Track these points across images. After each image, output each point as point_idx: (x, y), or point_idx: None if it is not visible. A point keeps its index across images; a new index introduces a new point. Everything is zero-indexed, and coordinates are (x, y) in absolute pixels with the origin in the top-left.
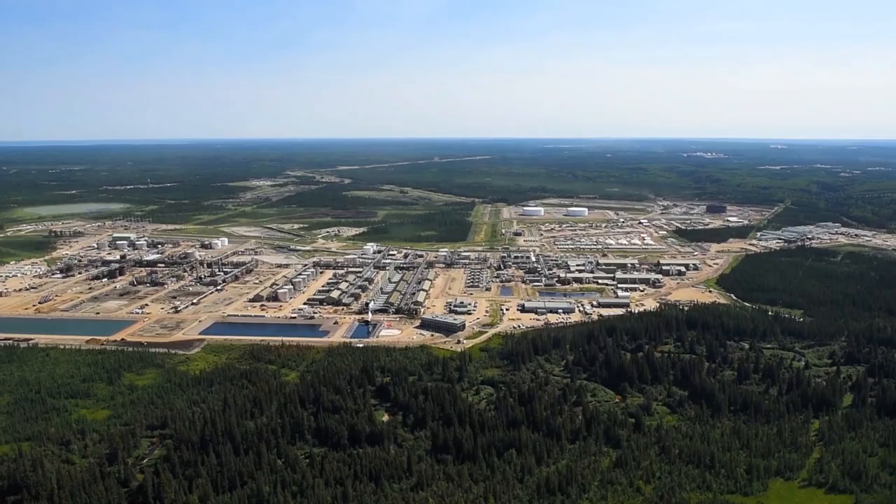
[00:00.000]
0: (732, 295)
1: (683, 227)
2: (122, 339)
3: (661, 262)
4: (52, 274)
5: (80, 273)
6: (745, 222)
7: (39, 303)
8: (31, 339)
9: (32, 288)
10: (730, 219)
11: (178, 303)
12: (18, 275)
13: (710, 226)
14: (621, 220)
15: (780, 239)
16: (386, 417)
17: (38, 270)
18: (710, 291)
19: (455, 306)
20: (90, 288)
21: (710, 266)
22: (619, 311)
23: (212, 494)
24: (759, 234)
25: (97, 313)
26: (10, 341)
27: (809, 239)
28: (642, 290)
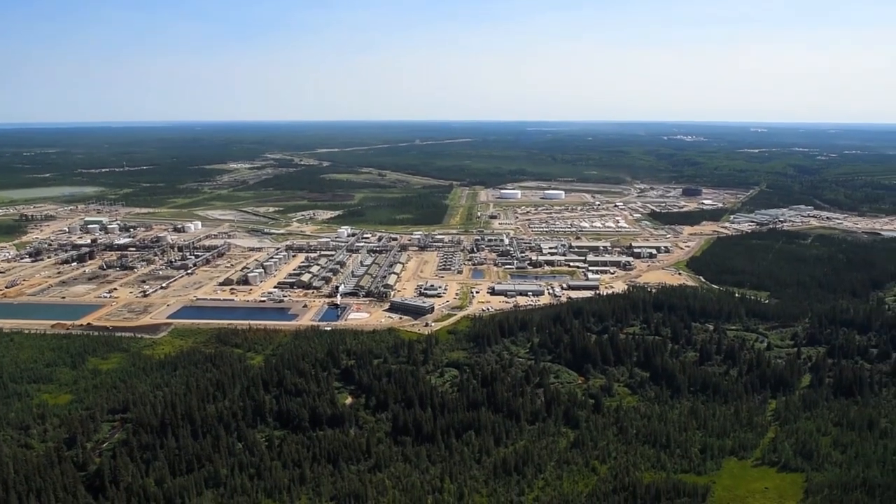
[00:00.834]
0: (701, 277)
1: (658, 210)
2: (89, 324)
3: (633, 244)
4: (21, 258)
5: (49, 257)
6: (720, 205)
7: (6, 287)
8: None
9: (0, 273)
10: (705, 202)
11: (148, 287)
12: None
13: (685, 209)
14: (597, 203)
15: (752, 222)
16: (349, 400)
17: (7, 255)
18: (679, 274)
19: (425, 289)
20: (59, 272)
21: (681, 249)
22: (589, 294)
23: (168, 477)
24: (732, 216)
25: (63, 298)
26: None
27: (781, 222)
28: (613, 273)
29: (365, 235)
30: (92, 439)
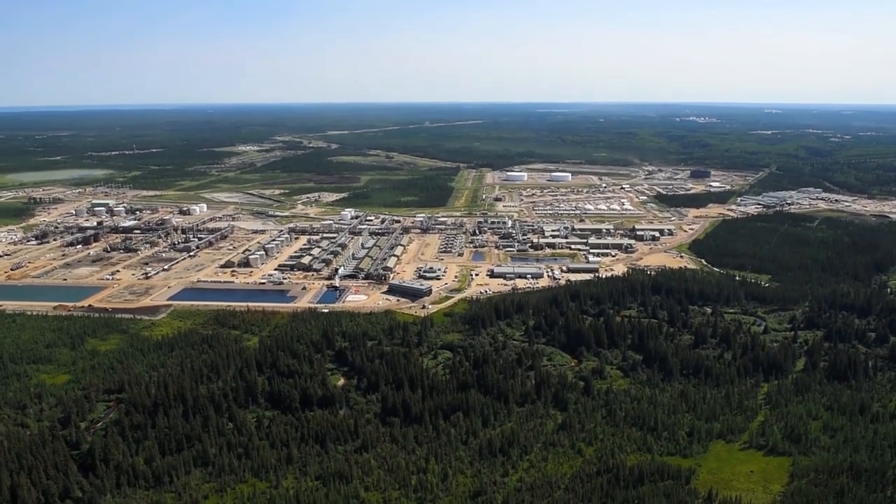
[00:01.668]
0: (703, 260)
1: (665, 193)
2: (90, 306)
3: (637, 227)
4: (28, 241)
5: (55, 240)
6: (728, 187)
7: (11, 269)
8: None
9: (6, 255)
10: (712, 184)
11: (150, 269)
12: None
13: (692, 191)
14: (603, 185)
15: (759, 204)
16: (342, 381)
17: (14, 237)
18: (681, 257)
19: (425, 272)
20: (64, 255)
21: (685, 231)
22: (588, 277)
23: (158, 456)
24: (739, 199)
25: (65, 279)
26: None
27: (789, 204)
28: (614, 256)
29: (368, 218)
30: (86, 419)
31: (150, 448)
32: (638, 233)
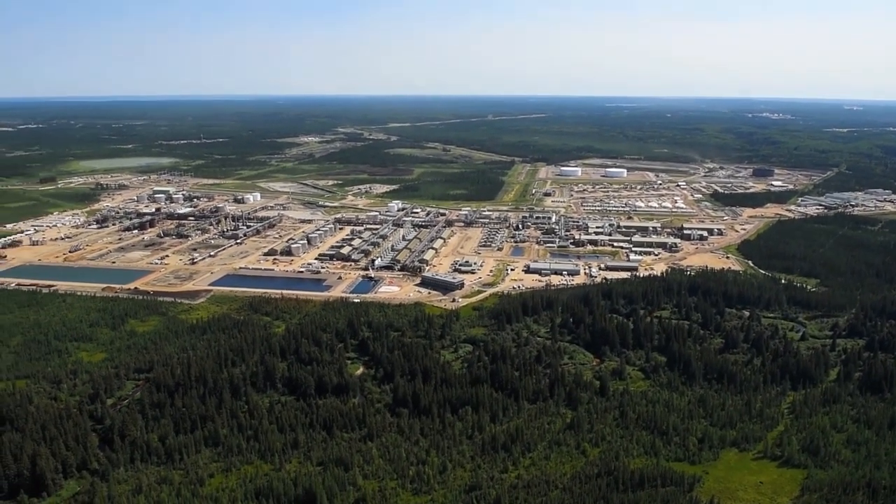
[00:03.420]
0: (750, 262)
1: (721, 191)
2: (136, 288)
3: (685, 226)
4: (89, 225)
5: (114, 224)
6: (790, 187)
7: (69, 252)
8: (53, 286)
9: (67, 237)
10: (774, 183)
11: (197, 255)
12: (58, 225)
13: (751, 190)
14: (659, 182)
15: (820, 205)
16: (360, 370)
17: (77, 221)
18: (727, 257)
19: (460, 265)
20: (120, 239)
21: (736, 231)
22: (625, 275)
23: (172, 434)
24: (800, 199)
25: (113, 262)
26: (35, 287)
27: (853, 206)
28: (657, 255)
29: (415, 210)
30: (114, 395)
31: (166, 426)
32: (685, 232)
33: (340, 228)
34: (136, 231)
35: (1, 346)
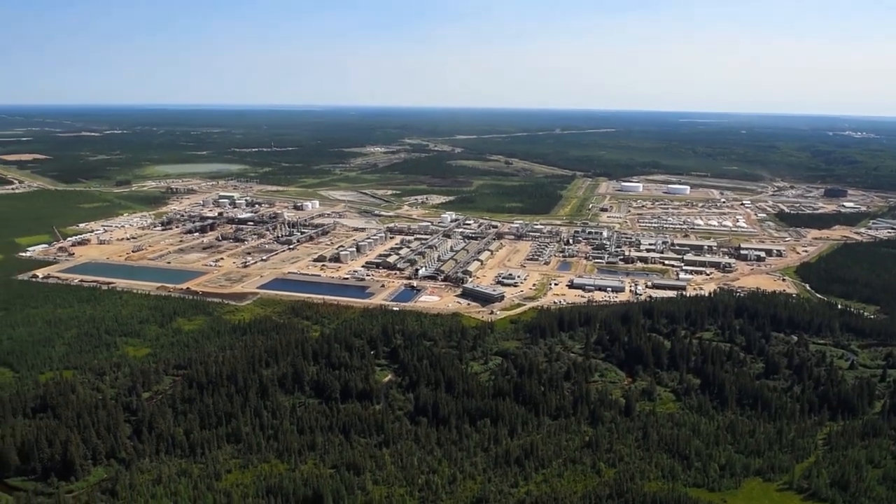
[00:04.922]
0: (807, 285)
1: (788, 211)
2: (188, 288)
3: (742, 246)
4: (154, 227)
5: (177, 227)
6: (863, 208)
7: (132, 251)
8: (112, 283)
9: (132, 238)
10: (846, 204)
11: (250, 258)
12: (126, 226)
13: (819, 210)
14: (722, 200)
15: (892, 228)
16: (388, 377)
17: (144, 223)
18: (783, 280)
19: (504, 278)
20: (181, 241)
21: (797, 253)
22: (671, 294)
23: (197, 429)
24: (871, 221)
25: (169, 263)
26: (96, 283)
27: None
28: (709, 274)
29: (467, 221)
30: (151, 389)
31: (192, 420)
32: (742, 252)
33: (391, 237)
34: (196, 234)
35: (57, 338)
